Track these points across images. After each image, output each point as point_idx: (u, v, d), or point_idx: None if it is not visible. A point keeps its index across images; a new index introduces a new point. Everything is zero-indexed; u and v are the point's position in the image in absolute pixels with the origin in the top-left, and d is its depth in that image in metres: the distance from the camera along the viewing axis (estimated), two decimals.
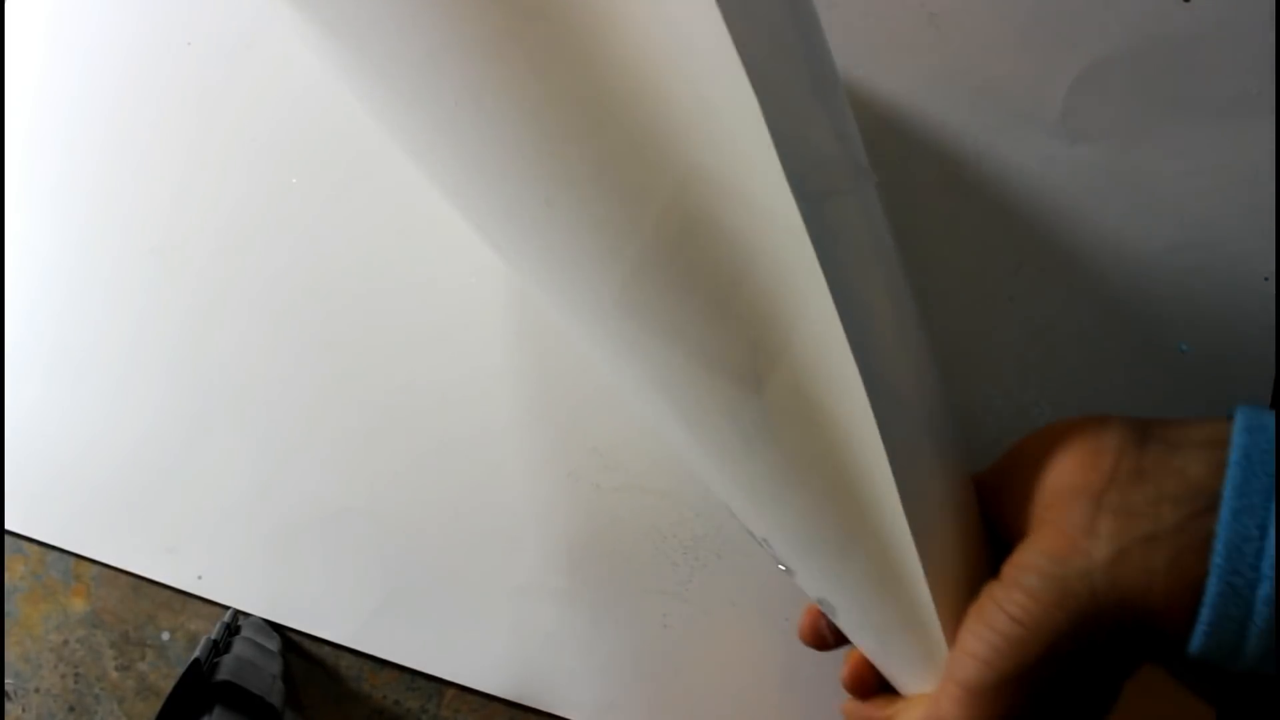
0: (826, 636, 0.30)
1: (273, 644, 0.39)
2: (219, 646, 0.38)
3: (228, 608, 0.40)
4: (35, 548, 0.42)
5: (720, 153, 0.22)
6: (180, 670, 0.37)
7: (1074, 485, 0.23)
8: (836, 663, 0.30)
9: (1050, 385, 0.35)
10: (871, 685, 0.28)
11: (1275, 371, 0.33)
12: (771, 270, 0.22)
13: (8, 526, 0.42)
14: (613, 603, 0.37)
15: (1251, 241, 0.34)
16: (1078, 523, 0.22)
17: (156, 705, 0.41)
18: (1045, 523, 0.23)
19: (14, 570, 0.42)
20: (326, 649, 0.40)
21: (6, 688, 0.42)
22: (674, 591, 0.37)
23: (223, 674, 0.36)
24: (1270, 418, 0.21)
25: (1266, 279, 0.34)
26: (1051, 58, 0.35)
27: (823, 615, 0.29)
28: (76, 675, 0.42)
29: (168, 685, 0.41)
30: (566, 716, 0.38)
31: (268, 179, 0.40)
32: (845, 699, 0.30)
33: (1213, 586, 0.20)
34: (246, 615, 0.40)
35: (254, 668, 0.37)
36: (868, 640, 0.27)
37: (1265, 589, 0.20)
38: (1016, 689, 0.23)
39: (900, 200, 0.35)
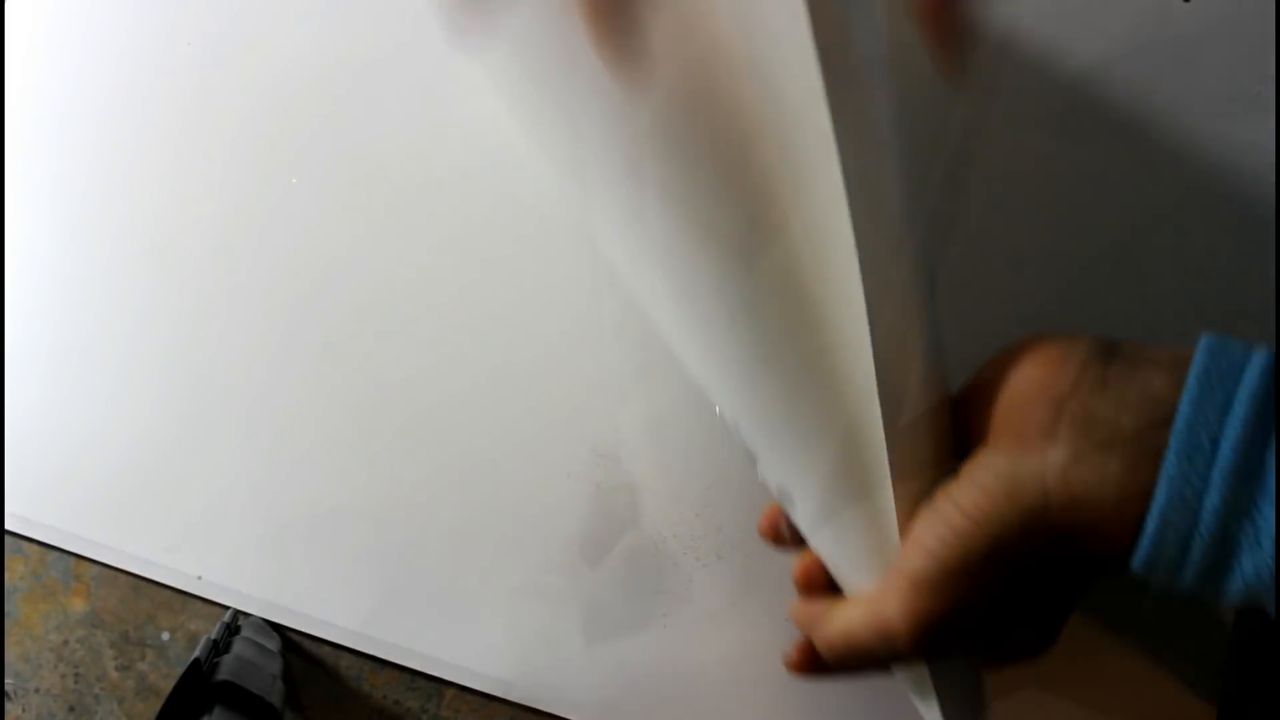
0: (784, 534, 0.30)
1: (272, 644, 0.39)
2: (219, 646, 0.38)
3: (227, 608, 0.40)
4: (35, 548, 0.42)
5: (751, 20, 0.21)
6: (180, 670, 0.37)
7: (1038, 392, 0.23)
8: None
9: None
10: (820, 584, 0.28)
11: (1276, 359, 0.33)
12: (786, 144, 0.22)
13: (6, 527, 0.42)
14: (613, 602, 0.37)
15: (1252, 240, 0.34)
16: (1038, 427, 0.22)
17: (156, 705, 0.41)
18: (1006, 425, 0.23)
19: (14, 570, 0.42)
20: (326, 649, 0.40)
21: (6, 688, 0.42)
22: (674, 591, 0.37)
23: (223, 674, 0.36)
24: (1232, 343, 0.21)
25: (1266, 277, 0.34)
26: (1052, 56, 0.35)
27: (782, 514, 0.29)
28: (76, 675, 0.42)
29: (168, 685, 0.41)
30: (566, 716, 0.38)
31: (267, 179, 0.40)
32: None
33: (1161, 493, 0.20)
34: (246, 615, 0.40)
35: (254, 667, 0.37)
36: (822, 534, 0.27)
37: (1213, 498, 0.20)
38: (959, 583, 0.22)
39: None
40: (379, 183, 0.40)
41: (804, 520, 0.27)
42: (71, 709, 0.42)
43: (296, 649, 0.40)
